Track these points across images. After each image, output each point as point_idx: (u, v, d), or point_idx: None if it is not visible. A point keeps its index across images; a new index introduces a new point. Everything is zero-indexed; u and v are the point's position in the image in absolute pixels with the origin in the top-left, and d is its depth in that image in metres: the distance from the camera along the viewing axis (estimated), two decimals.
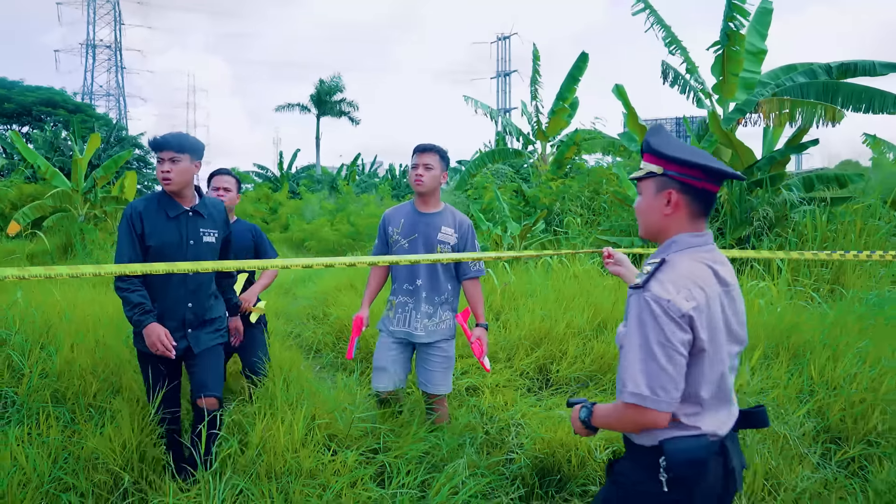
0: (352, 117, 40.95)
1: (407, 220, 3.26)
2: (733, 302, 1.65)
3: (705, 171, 1.58)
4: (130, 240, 2.81)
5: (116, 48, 71.45)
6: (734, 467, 1.62)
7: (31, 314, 4.33)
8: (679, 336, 1.49)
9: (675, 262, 1.59)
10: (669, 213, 1.63)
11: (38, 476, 2.61)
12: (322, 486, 2.59)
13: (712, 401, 1.58)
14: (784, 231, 7.55)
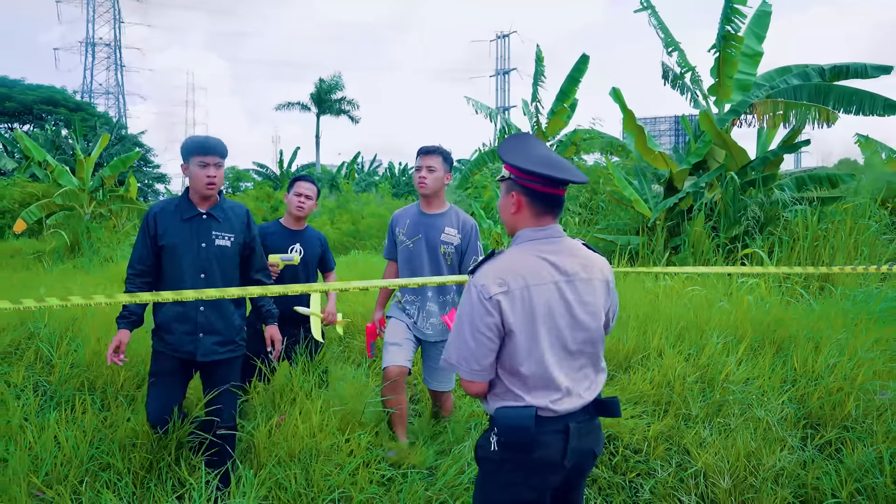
0: (352, 116, 41.12)
1: (412, 221, 3.36)
2: (577, 291, 1.83)
3: (540, 177, 1.81)
4: (142, 243, 2.92)
5: (116, 46, 71.44)
6: (575, 447, 1.79)
7: (56, 309, 4.55)
8: (485, 319, 1.75)
9: (505, 255, 1.84)
10: (514, 211, 1.89)
11: (77, 456, 2.84)
12: (339, 466, 2.82)
13: (534, 378, 1.77)
14: (776, 230, 7.77)
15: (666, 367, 3.78)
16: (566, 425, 1.79)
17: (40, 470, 2.74)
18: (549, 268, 1.81)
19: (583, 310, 1.83)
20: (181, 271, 2.88)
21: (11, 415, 3.06)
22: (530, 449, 1.76)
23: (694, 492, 2.84)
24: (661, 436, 3.26)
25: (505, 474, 1.81)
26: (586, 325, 1.84)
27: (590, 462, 1.91)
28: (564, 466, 1.80)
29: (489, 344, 1.76)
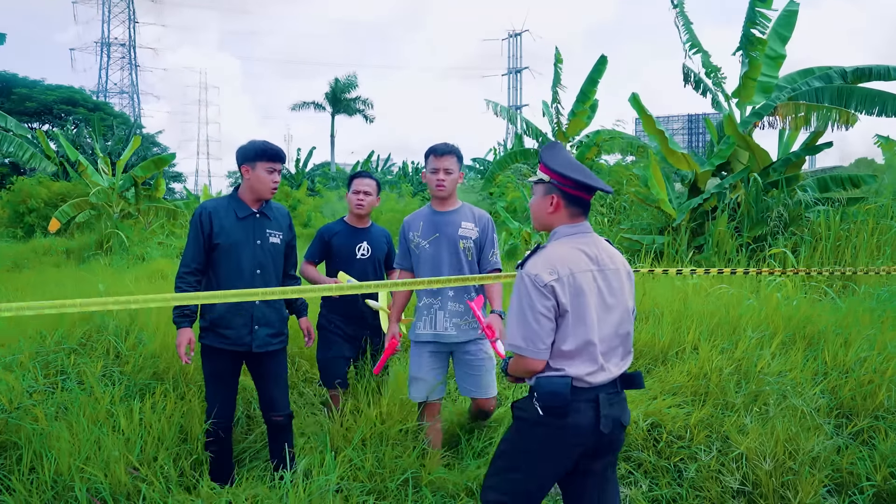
0: (366, 115, 41.48)
1: (426, 221, 3.28)
2: (607, 279, 2.11)
3: (578, 184, 2.10)
4: (196, 242, 3.01)
5: (130, 46, 72.12)
6: (606, 415, 2.04)
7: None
8: (543, 302, 2.00)
9: (548, 248, 2.11)
10: (551, 211, 2.17)
11: (164, 441, 3.09)
12: (407, 449, 3.05)
13: (575, 354, 2.03)
14: (799, 230, 7.93)
15: (702, 360, 3.98)
16: (596, 395, 2.05)
17: (133, 451, 2.99)
18: (585, 258, 2.10)
19: (612, 295, 2.12)
20: (240, 268, 3.02)
21: (99, 402, 3.31)
22: (565, 413, 2.02)
23: (736, 474, 3.04)
24: (701, 423, 3.47)
25: (541, 433, 2.07)
26: (616, 309, 2.12)
27: (618, 432, 2.14)
28: (601, 432, 2.04)
29: (549, 324, 2.02)
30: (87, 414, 3.20)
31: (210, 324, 3.03)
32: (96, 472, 2.84)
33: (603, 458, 2.17)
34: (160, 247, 11.25)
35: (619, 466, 3.28)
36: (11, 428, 3.11)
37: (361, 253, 3.67)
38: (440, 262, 3.22)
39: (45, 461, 2.87)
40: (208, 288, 3.05)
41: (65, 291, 5.44)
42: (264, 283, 3.04)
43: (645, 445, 3.39)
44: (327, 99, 40.38)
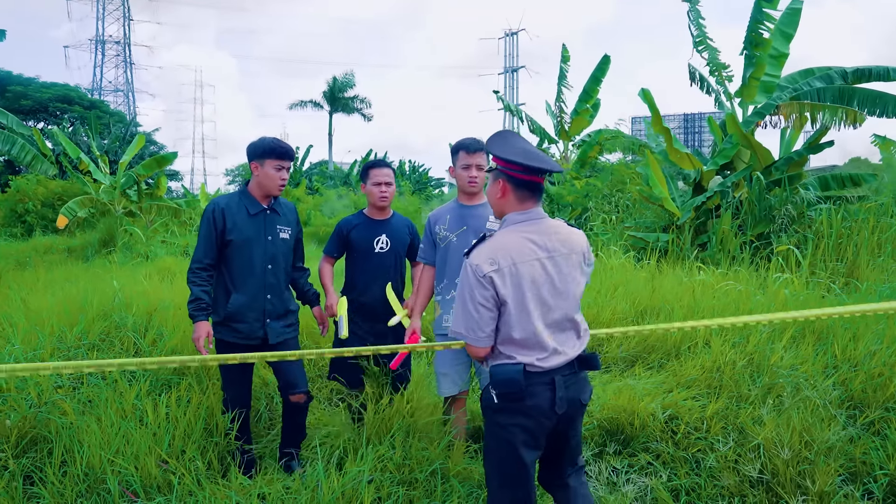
0: (364, 114, 41.49)
1: (453, 215, 3.29)
2: (557, 265, 2.16)
3: (521, 167, 2.14)
4: (208, 238, 3.07)
5: (125, 44, 71.98)
6: (562, 397, 2.13)
7: (133, 303, 4.86)
8: (481, 292, 2.09)
9: (495, 237, 2.17)
10: (500, 196, 2.22)
11: (191, 434, 3.14)
12: (434, 441, 3.12)
13: (525, 342, 2.11)
14: (801, 228, 8.02)
15: (715, 354, 4.06)
16: (552, 378, 2.14)
17: (161, 444, 3.04)
18: (532, 246, 2.14)
19: (563, 281, 2.17)
20: (252, 263, 3.10)
21: (124, 396, 3.36)
22: (522, 397, 2.10)
23: (755, 463, 3.11)
24: (717, 415, 3.54)
25: (503, 419, 2.15)
26: (570, 294, 2.19)
27: (578, 409, 2.26)
28: (556, 413, 2.14)
29: (489, 314, 2.10)
30: (114, 408, 3.25)
31: (223, 319, 3.10)
32: (126, 465, 2.89)
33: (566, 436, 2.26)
34: (164, 245, 11.25)
35: (639, 457, 3.35)
36: (41, 422, 3.16)
37: (380, 247, 3.57)
38: None
39: (77, 454, 2.92)
40: (220, 283, 3.13)
41: (78, 289, 5.47)
42: (275, 278, 3.17)
43: (663, 437, 3.46)
44: (325, 97, 40.37)
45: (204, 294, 3.03)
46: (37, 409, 3.20)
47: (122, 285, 5.25)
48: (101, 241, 12.39)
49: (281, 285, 3.22)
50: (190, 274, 3.08)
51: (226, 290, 3.11)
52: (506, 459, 2.19)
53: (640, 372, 4.21)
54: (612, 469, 3.30)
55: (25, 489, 2.86)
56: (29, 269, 9.02)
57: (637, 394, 3.70)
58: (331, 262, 3.71)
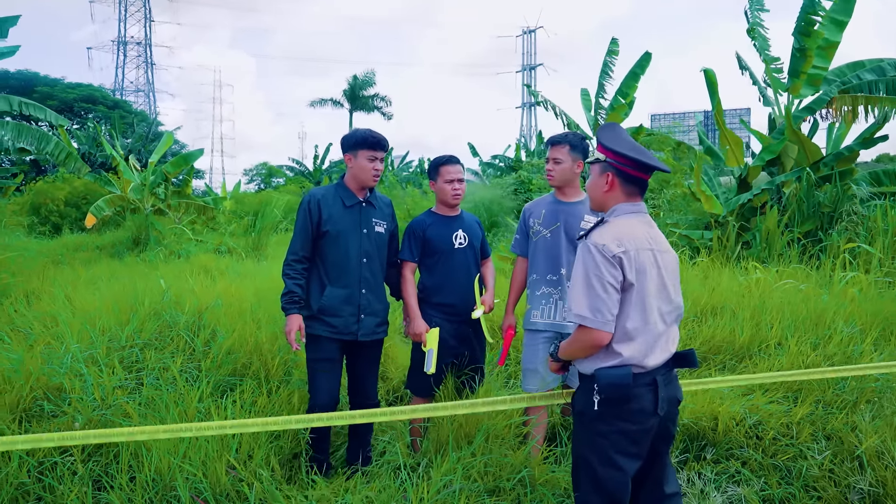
0: (384, 112, 41.36)
1: (548, 210, 3.27)
2: (662, 260, 2.11)
3: (634, 162, 2.10)
4: (304, 229, 3.05)
5: (147, 44, 72.73)
6: (663, 397, 2.05)
7: (183, 301, 4.76)
8: (612, 271, 2.00)
9: (613, 222, 2.12)
10: (606, 190, 2.18)
11: (256, 438, 3.02)
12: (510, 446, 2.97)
13: (636, 333, 2.03)
14: (852, 225, 7.75)
15: (792, 356, 3.86)
16: (653, 379, 2.06)
17: (229, 449, 2.92)
18: (646, 236, 2.11)
19: (668, 276, 2.14)
20: (347, 257, 3.06)
21: (186, 398, 3.25)
22: (627, 401, 2.02)
23: (863, 475, 2.92)
24: (804, 420, 3.35)
25: (603, 426, 2.05)
26: (670, 290, 2.14)
27: (675, 409, 2.19)
28: (658, 414, 2.06)
29: (616, 295, 2.01)
30: (177, 410, 3.15)
31: (317, 311, 3.05)
32: (195, 471, 2.78)
33: (668, 436, 2.18)
34: (196, 243, 11.22)
35: (726, 464, 3.17)
36: (106, 425, 3.05)
37: (459, 242, 3.38)
38: (559, 252, 3.22)
39: (144, 459, 2.81)
40: (314, 275, 3.09)
41: (123, 287, 5.39)
42: (370, 272, 3.12)
43: (748, 443, 3.28)
44: (345, 96, 40.28)
45: (297, 287, 3.01)
46: (101, 411, 3.09)
47: (168, 283, 5.15)
48: (132, 239, 12.42)
49: (376, 280, 3.17)
50: (285, 266, 3.06)
51: (320, 282, 3.08)
52: (604, 469, 2.06)
53: (714, 373, 4.03)
54: (698, 475, 3.13)
55: (94, 495, 2.75)
56: (64, 266, 9.01)
57: (715, 397, 3.51)
58: (412, 270, 3.40)
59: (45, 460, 2.76)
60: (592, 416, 2.07)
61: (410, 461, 2.93)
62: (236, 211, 17.64)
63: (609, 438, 2.05)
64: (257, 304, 4.72)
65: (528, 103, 69.33)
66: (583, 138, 3.33)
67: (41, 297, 5.77)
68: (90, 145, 25.59)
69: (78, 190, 17.67)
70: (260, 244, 10.78)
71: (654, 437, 2.12)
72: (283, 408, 3.29)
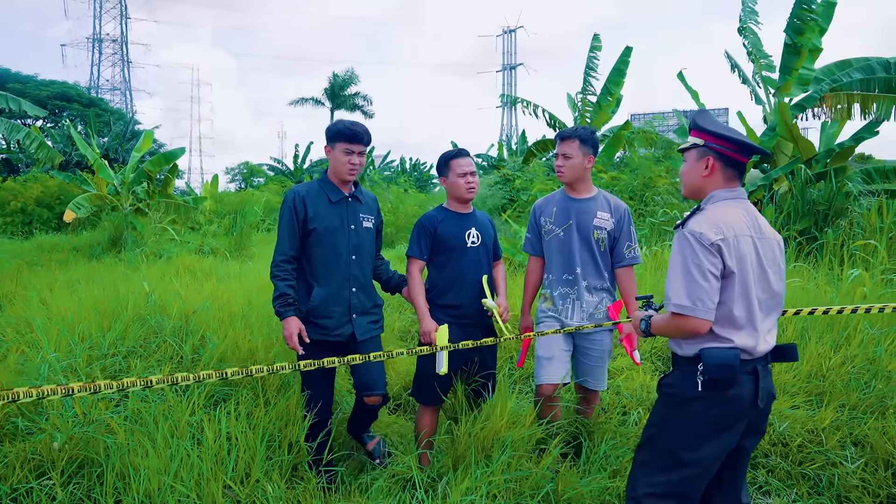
0: (365, 111, 41.00)
1: (560, 207, 3.15)
2: (763, 248, 2.04)
3: (736, 144, 2.05)
4: (290, 228, 2.91)
5: (123, 42, 71.32)
6: (763, 388, 1.99)
7: (168, 305, 4.49)
8: (710, 259, 1.93)
9: (709, 209, 2.05)
10: (706, 175, 2.11)
11: (253, 455, 2.79)
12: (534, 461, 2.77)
13: (744, 321, 1.97)
14: (847, 223, 7.70)
15: (811, 357, 3.73)
16: (755, 367, 1.99)
17: (224, 468, 2.69)
18: (747, 222, 2.04)
19: (769, 265, 2.06)
20: (336, 254, 2.95)
21: (175, 411, 3.00)
22: (729, 386, 1.94)
23: (893, 485, 2.77)
24: (830, 426, 3.21)
25: (700, 406, 1.98)
26: (772, 280, 2.06)
27: (770, 405, 2.11)
28: (758, 406, 1.99)
29: (717, 283, 1.95)
30: (167, 425, 2.90)
31: (305, 314, 2.91)
32: (188, 492, 2.55)
33: (758, 432, 2.11)
34: (176, 243, 10.87)
35: (756, 473, 3.01)
36: (89, 442, 2.79)
37: (472, 240, 3.17)
38: (572, 250, 3.12)
39: (132, 480, 2.56)
40: (300, 277, 2.95)
41: (102, 290, 5.09)
42: (359, 268, 3.03)
43: (772, 450, 3.12)
44: (326, 95, 39.90)
45: (289, 289, 2.86)
46: (83, 428, 2.83)
47: (152, 286, 4.87)
48: (109, 240, 12.01)
49: (366, 278, 3.08)
50: (273, 268, 2.91)
51: (307, 283, 2.94)
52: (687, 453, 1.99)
53: None
54: None
55: None
56: (39, 268, 8.63)
57: None
58: (420, 268, 3.19)
59: (20, 486, 2.50)
60: (687, 398, 2.01)
61: (424, 477, 2.71)
62: (217, 210, 17.25)
63: (701, 422, 1.98)
64: (248, 308, 4.47)
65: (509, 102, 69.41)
66: (593, 132, 3.19)
67: (14, 302, 5.46)
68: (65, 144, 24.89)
69: (51, 190, 17.12)
70: (242, 244, 10.47)
71: (745, 432, 2.05)
72: (282, 419, 3.05)
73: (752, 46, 8.98)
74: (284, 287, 2.86)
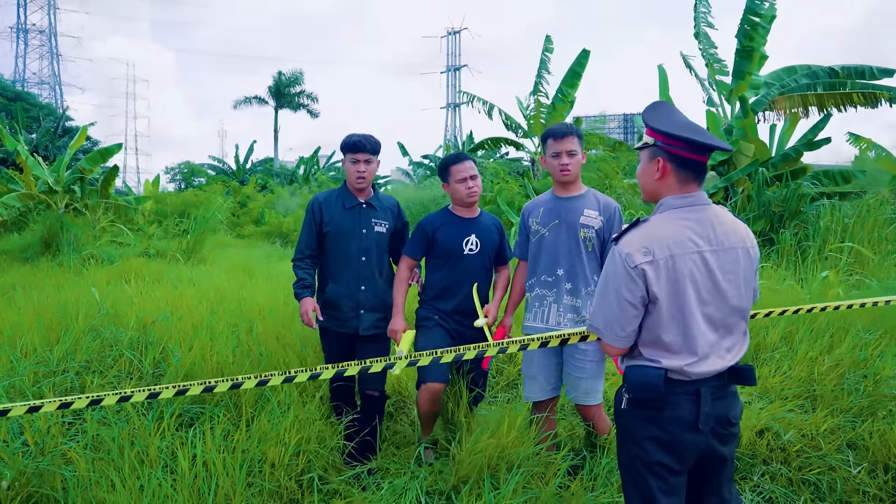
0: (310, 110, 40.22)
1: (546, 207, 3.06)
2: (720, 259, 1.82)
3: (688, 143, 1.82)
4: (309, 229, 3.22)
5: (51, 33, 67.71)
6: (707, 412, 1.80)
7: (122, 314, 4.12)
8: (629, 286, 1.78)
9: (650, 222, 1.84)
10: (658, 177, 1.89)
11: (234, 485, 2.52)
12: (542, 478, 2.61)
13: (678, 346, 1.80)
14: (801, 224, 7.91)
15: (800, 360, 3.72)
16: (697, 390, 1.81)
17: (205, 500, 2.42)
18: (693, 237, 1.81)
19: (726, 279, 1.83)
20: (347, 255, 3.18)
21: (147, 438, 2.68)
22: (660, 405, 1.80)
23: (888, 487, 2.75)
24: (825, 430, 3.18)
25: (636, 429, 1.86)
26: (730, 295, 1.84)
27: (727, 427, 1.88)
28: (700, 430, 1.80)
29: (633, 311, 1.80)
30: (135, 452, 2.59)
31: (322, 305, 3.18)
32: None
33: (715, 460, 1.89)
34: (117, 246, 10.23)
35: (758, 481, 2.94)
36: (44, 477, 2.45)
37: (469, 248, 3.14)
38: (557, 250, 2.97)
39: None
40: (321, 272, 3.27)
41: (44, 297, 4.65)
42: (368, 269, 3.21)
43: (771, 456, 3.07)
44: (271, 93, 38.92)
45: (307, 275, 3.16)
46: (37, 461, 2.48)
47: (102, 293, 4.48)
48: (42, 242, 11.22)
49: (375, 277, 3.23)
50: (295, 260, 3.25)
51: (324, 279, 3.24)
52: (640, 478, 1.86)
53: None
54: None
55: None
56: None
57: None
58: (410, 266, 3.25)
59: None
60: (623, 415, 1.90)
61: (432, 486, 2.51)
62: (158, 212, 16.46)
63: (641, 444, 1.85)
64: (212, 317, 4.14)
65: (453, 104, 69.47)
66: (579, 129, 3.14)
67: None
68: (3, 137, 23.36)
69: None
70: (196, 247, 9.94)
71: (701, 458, 1.86)
72: (266, 441, 2.77)
73: (706, 47, 9.15)
74: (302, 273, 3.18)
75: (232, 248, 13.61)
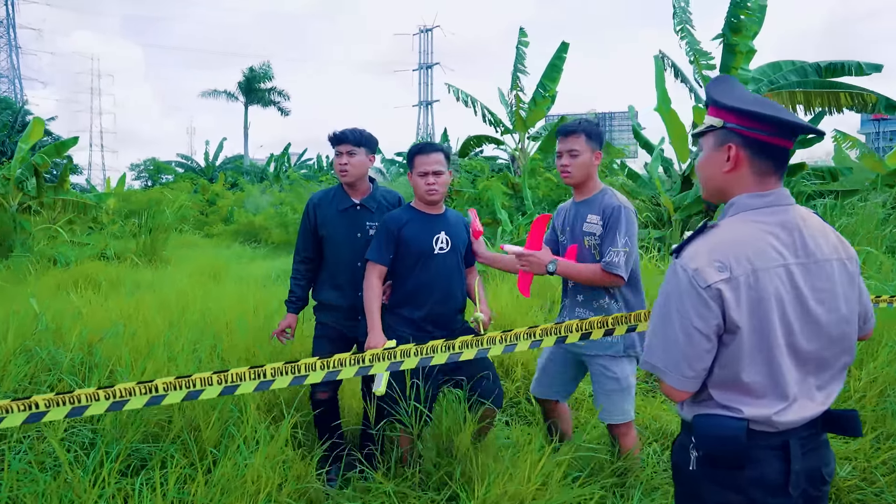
0: (281, 107, 39.39)
1: (564, 213, 2.92)
2: (811, 276, 1.43)
3: (772, 124, 1.43)
4: (304, 231, 3.10)
5: (10, 25, 65.35)
6: (799, 470, 1.42)
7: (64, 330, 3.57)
8: (701, 312, 1.38)
9: (722, 228, 1.46)
10: (729, 169, 1.48)
11: None
12: None
13: (763, 388, 1.42)
14: None
15: None
16: (785, 442, 1.42)
17: None
18: (777, 245, 1.42)
19: (819, 300, 1.44)
20: (340, 261, 3.03)
21: (82, 493, 2.17)
22: (741, 465, 1.42)
23: None
24: (875, 459, 2.81)
25: (710, 493, 1.47)
26: (822, 320, 1.44)
27: (819, 489, 1.49)
28: (790, 494, 1.42)
29: (706, 344, 1.40)
30: None
31: (319, 304, 3.13)
32: None
33: None
34: (75, 247, 9.53)
35: None
36: None
37: (440, 246, 2.83)
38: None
39: None
40: (317, 274, 3.16)
41: None
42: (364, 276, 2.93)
43: None
44: (241, 88, 37.99)
45: (297, 287, 3.11)
46: None
47: (43, 305, 3.91)
48: None
49: None
50: (293, 264, 3.18)
51: (323, 282, 3.13)
52: None
53: None
54: None
55: None
56: None
57: None
58: (379, 274, 2.83)
59: None
60: (689, 477, 1.49)
61: None
62: (122, 210, 15.68)
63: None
64: (172, 331, 3.61)
65: (426, 101, 68.99)
66: (597, 124, 2.82)
67: None
68: None
69: None
70: (156, 247, 9.30)
71: None
72: (231, 492, 2.28)
73: (690, 44, 8.87)
74: (293, 285, 3.13)
75: (199, 249, 12.99)
